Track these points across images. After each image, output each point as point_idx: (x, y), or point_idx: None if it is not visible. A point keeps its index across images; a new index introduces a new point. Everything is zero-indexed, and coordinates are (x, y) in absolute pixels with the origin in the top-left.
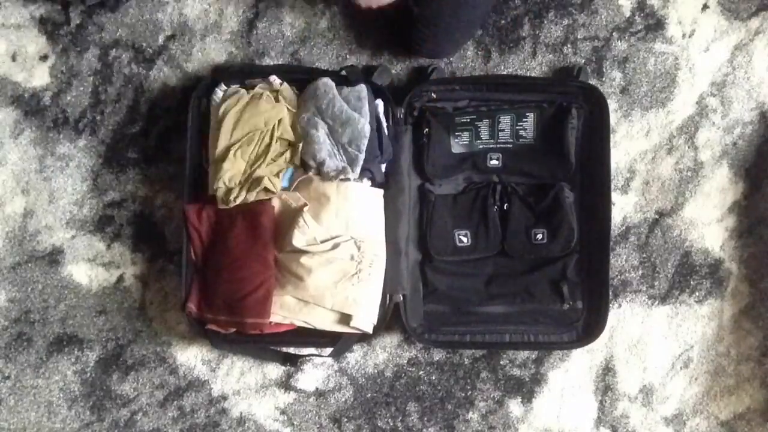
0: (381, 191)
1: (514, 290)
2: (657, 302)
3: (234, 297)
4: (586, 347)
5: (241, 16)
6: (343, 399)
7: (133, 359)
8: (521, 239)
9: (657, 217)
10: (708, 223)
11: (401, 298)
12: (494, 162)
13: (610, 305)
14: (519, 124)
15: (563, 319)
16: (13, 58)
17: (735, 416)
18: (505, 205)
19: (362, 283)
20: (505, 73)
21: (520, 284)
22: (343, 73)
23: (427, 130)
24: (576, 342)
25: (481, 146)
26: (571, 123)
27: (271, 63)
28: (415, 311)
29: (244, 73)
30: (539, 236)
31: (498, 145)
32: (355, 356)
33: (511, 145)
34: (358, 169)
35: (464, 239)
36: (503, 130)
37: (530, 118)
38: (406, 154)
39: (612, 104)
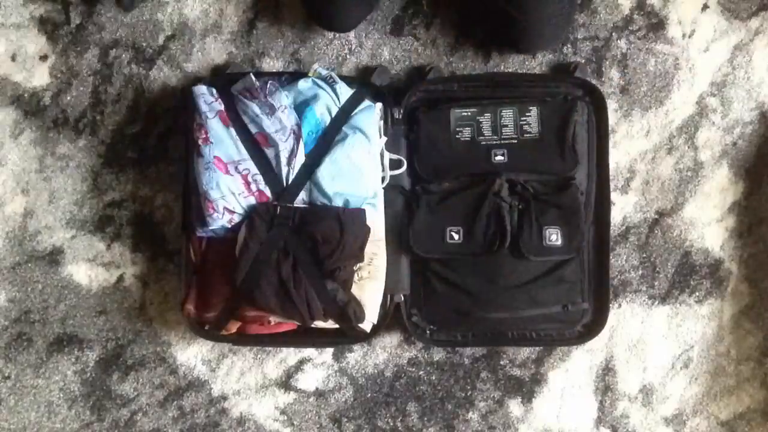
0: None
1: (516, 290)
2: (657, 302)
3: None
4: (586, 347)
5: (241, 16)
6: (343, 399)
7: (133, 359)
8: (533, 240)
9: (657, 217)
10: (708, 223)
11: (402, 298)
12: (499, 158)
13: (610, 305)
14: (522, 118)
15: (565, 319)
16: (13, 58)
17: (735, 416)
18: (514, 203)
19: (362, 281)
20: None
21: (523, 283)
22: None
23: (415, 126)
24: (577, 338)
25: (483, 142)
26: (576, 114)
27: (271, 63)
28: (416, 311)
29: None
30: (553, 237)
31: (502, 141)
32: (355, 356)
33: (515, 141)
34: None
35: (455, 236)
36: (506, 126)
37: (533, 111)
38: (403, 155)
39: (612, 104)
